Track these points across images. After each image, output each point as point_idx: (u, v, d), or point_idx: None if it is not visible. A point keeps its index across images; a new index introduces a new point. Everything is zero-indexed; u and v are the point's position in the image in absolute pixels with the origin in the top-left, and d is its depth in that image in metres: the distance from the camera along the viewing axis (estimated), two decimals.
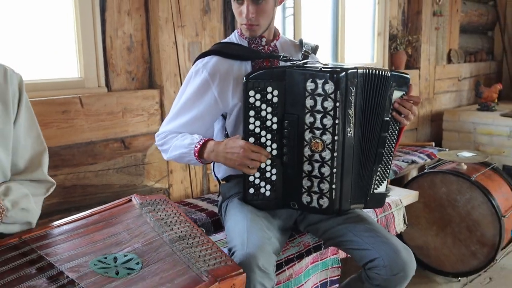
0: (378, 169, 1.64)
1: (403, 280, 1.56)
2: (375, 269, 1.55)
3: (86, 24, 2.07)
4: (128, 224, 1.24)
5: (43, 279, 0.97)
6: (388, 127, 1.61)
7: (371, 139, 1.60)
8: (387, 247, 1.55)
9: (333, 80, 1.47)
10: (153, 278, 1.02)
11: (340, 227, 1.65)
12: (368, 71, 1.55)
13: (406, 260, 1.54)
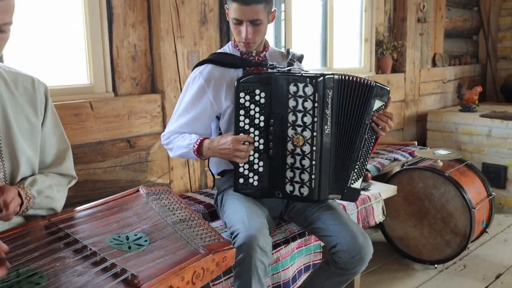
0: (355, 167, 1.87)
1: (361, 262, 1.78)
2: (337, 253, 1.78)
3: (95, 35, 2.30)
4: (137, 210, 1.47)
5: (70, 252, 1.20)
6: (368, 130, 1.84)
7: (348, 136, 1.83)
8: (346, 233, 1.77)
9: (312, 84, 1.70)
10: (159, 251, 1.25)
11: (313, 215, 1.87)
12: (343, 77, 1.78)
13: (363, 244, 1.76)
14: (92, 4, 2.27)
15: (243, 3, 1.74)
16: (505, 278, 2.65)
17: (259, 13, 1.77)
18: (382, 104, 1.88)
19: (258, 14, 1.77)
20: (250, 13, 1.75)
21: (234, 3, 1.76)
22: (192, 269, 1.18)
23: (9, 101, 1.36)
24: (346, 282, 1.90)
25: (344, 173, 1.86)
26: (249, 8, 1.75)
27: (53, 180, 1.47)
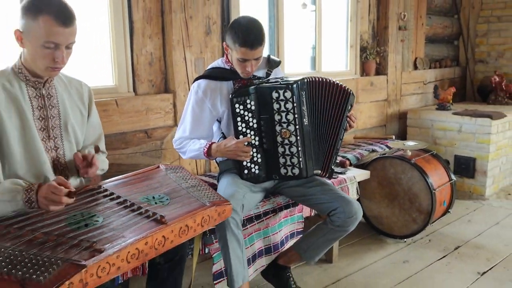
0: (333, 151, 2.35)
1: (355, 220, 2.30)
2: (336, 214, 2.28)
3: (119, 45, 2.81)
4: (159, 179, 1.97)
5: (114, 203, 1.70)
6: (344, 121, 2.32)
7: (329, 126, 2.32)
8: (344, 200, 2.29)
9: (289, 89, 2.19)
10: (177, 205, 1.74)
11: (311, 190, 2.37)
12: (308, 79, 2.27)
13: (357, 208, 2.29)
14: (117, 19, 2.78)
15: (251, 48, 2.17)
16: (462, 249, 3.14)
17: (261, 52, 2.23)
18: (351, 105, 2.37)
19: (260, 52, 2.23)
20: (255, 54, 2.20)
21: (242, 48, 2.17)
22: (201, 215, 1.68)
23: (67, 98, 1.87)
24: (337, 239, 2.41)
25: (323, 154, 2.35)
26: (256, 51, 2.20)
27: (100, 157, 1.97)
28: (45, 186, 1.54)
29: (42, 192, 1.54)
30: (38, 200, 1.55)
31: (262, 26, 2.25)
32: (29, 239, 1.41)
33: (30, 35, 1.63)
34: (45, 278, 1.24)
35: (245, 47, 2.17)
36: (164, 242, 1.54)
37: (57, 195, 1.52)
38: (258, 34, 2.19)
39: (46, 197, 1.52)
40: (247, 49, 2.17)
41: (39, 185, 1.58)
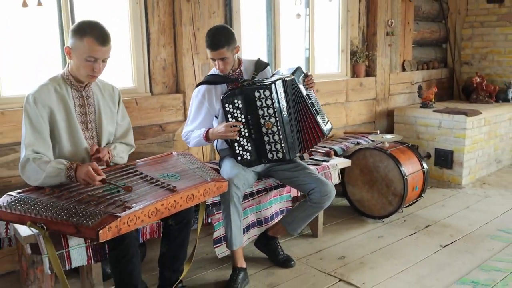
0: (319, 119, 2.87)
1: (329, 198, 2.83)
2: (314, 193, 2.81)
3: (138, 53, 3.36)
4: (171, 162, 2.52)
5: (138, 178, 2.25)
6: (309, 96, 2.86)
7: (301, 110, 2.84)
8: (321, 181, 2.82)
9: (268, 88, 2.70)
10: (185, 180, 2.28)
11: (295, 173, 2.90)
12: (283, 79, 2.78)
13: (331, 188, 2.82)
14: (136, 31, 3.33)
15: (212, 49, 2.72)
16: (431, 228, 3.64)
17: (224, 53, 2.72)
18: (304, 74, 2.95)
19: (224, 53, 2.72)
20: (218, 54, 2.72)
21: (208, 49, 2.74)
22: (203, 187, 2.22)
23: (101, 98, 2.41)
24: (315, 214, 2.94)
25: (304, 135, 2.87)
26: (217, 52, 2.72)
27: (121, 147, 2.51)
28: (84, 168, 2.08)
29: (80, 173, 2.08)
30: (76, 177, 2.09)
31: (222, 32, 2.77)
32: (78, 199, 1.97)
33: (76, 51, 2.18)
34: (92, 223, 1.79)
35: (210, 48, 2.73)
36: (175, 205, 2.08)
37: (92, 180, 2.07)
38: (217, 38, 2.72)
39: (83, 179, 2.07)
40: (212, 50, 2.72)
41: (77, 165, 2.12)
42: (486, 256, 3.12)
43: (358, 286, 2.74)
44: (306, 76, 2.96)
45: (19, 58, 3.00)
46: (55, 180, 2.12)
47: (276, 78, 2.80)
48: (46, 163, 2.11)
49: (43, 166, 2.10)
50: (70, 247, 2.14)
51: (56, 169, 2.11)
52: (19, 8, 2.81)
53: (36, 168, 2.10)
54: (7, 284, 2.80)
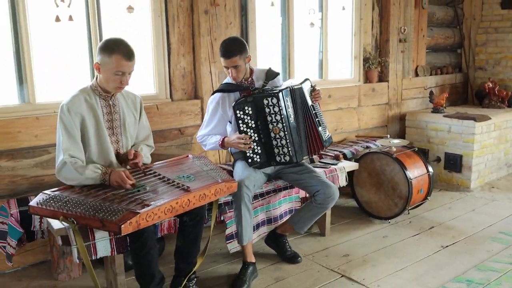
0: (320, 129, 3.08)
1: (332, 200, 3.04)
2: (319, 195, 3.03)
3: (159, 62, 3.64)
4: (187, 164, 2.77)
5: (157, 179, 2.51)
6: (313, 107, 3.08)
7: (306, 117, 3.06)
8: (325, 184, 3.04)
9: (275, 97, 2.92)
10: (199, 181, 2.53)
11: (302, 176, 3.12)
12: (290, 87, 3.00)
13: (334, 190, 3.03)
14: (158, 42, 3.61)
15: (226, 58, 2.96)
16: (435, 229, 3.80)
17: (237, 61, 2.96)
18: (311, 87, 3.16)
19: (236, 62, 2.96)
20: (231, 62, 2.96)
21: (222, 58, 2.98)
22: (214, 187, 2.47)
23: (125, 106, 2.69)
24: (320, 215, 3.15)
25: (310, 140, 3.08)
26: (230, 60, 2.96)
27: (146, 149, 2.79)
28: (117, 174, 2.38)
29: (114, 177, 2.38)
30: (110, 181, 2.38)
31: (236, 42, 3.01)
32: (104, 197, 2.25)
33: (105, 66, 2.46)
34: (115, 219, 2.06)
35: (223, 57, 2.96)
36: (189, 203, 2.34)
37: (124, 183, 2.36)
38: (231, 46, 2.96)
39: (116, 182, 2.36)
40: (225, 59, 2.96)
41: (111, 170, 2.41)
42: (485, 257, 3.28)
43: (358, 282, 2.95)
44: (314, 89, 3.16)
45: (52, 68, 3.30)
46: (91, 182, 2.42)
47: (284, 87, 3.03)
48: (83, 167, 2.40)
49: (80, 170, 2.39)
50: (96, 239, 2.42)
51: (94, 173, 2.41)
52: (52, 22, 3.12)
53: (73, 171, 2.39)
54: (40, 273, 3.11)
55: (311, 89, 3.15)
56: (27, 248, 3.09)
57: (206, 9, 3.68)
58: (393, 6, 5.06)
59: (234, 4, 3.90)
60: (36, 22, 3.13)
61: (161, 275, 2.49)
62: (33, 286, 2.96)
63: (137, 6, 3.45)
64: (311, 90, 3.16)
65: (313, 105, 3.11)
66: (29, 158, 3.07)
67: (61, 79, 3.35)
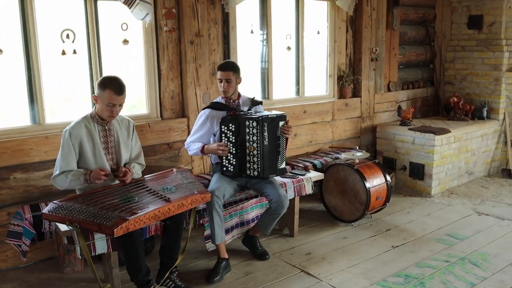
0: (279, 157, 3.66)
1: (282, 208, 3.60)
2: (272, 203, 3.60)
3: (151, 86, 4.22)
4: (171, 178, 3.35)
5: (144, 190, 3.09)
6: (279, 138, 3.64)
7: (274, 144, 3.63)
8: (277, 194, 3.60)
9: (256, 121, 3.51)
10: (179, 192, 3.10)
11: (262, 186, 3.68)
12: (268, 116, 3.57)
13: (283, 199, 3.59)
14: (149, 68, 4.18)
15: (222, 70, 3.58)
16: (391, 231, 4.37)
17: (230, 76, 3.59)
18: (284, 122, 3.67)
19: (230, 76, 3.59)
20: (225, 75, 3.58)
21: (218, 71, 3.60)
22: (190, 198, 3.05)
23: (119, 130, 3.27)
24: (276, 219, 3.71)
25: (275, 162, 3.66)
26: (225, 73, 3.58)
27: (137, 166, 3.37)
28: (93, 172, 3.00)
29: (92, 175, 3.00)
30: (90, 179, 2.98)
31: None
32: (101, 206, 2.83)
33: (100, 99, 3.04)
34: (109, 224, 2.64)
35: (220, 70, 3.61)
36: (169, 211, 2.92)
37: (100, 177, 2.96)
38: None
39: (94, 178, 2.97)
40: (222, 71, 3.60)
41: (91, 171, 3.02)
42: (426, 256, 3.84)
43: (314, 276, 3.53)
44: (286, 123, 3.67)
45: (58, 94, 3.89)
46: (76, 183, 3.03)
47: (265, 115, 3.60)
48: (69, 172, 3.04)
49: (67, 175, 3.02)
50: (95, 239, 3.01)
51: (77, 172, 3.03)
52: (59, 55, 3.70)
53: (63, 177, 3.03)
54: (48, 267, 3.70)
55: (283, 123, 3.67)
56: (37, 246, 3.68)
57: (192, 39, 4.25)
58: (365, 29, 5.62)
59: (218, 33, 4.47)
60: (46, 55, 3.71)
61: (147, 268, 3.07)
62: (43, 278, 3.55)
63: (132, 39, 4.03)
64: (284, 123, 3.66)
65: (279, 136, 3.64)
66: (40, 170, 3.66)
67: (66, 103, 3.94)
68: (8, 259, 3.63)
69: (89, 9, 3.82)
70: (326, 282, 3.44)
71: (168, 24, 4.15)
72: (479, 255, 3.83)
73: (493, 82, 6.11)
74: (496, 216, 4.70)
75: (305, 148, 5.34)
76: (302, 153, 5.29)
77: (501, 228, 4.40)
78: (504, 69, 6.00)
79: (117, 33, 3.97)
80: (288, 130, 3.67)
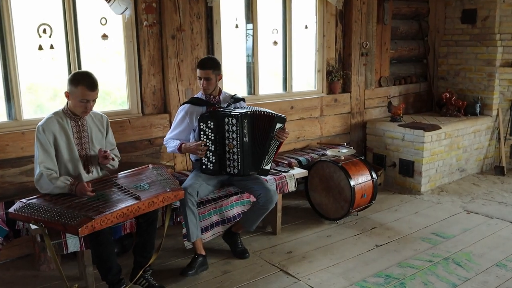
0: (265, 157, 3.59)
1: (271, 202, 3.55)
2: (260, 198, 3.54)
3: (132, 81, 4.15)
4: (146, 174, 3.29)
5: (115, 188, 3.03)
6: (271, 138, 3.55)
7: (260, 142, 3.55)
8: (265, 189, 3.55)
9: (235, 117, 3.43)
10: (152, 189, 3.03)
11: (248, 182, 3.63)
12: (252, 112, 3.51)
13: (272, 194, 3.54)
14: (130, 64, 4.12)
15: (201, 69, 3.52)
16: (376, 230, 4.30)
17: (209, 74, 3.53)
18: (281, 125, 3.60)
19: (209, 74, 3.53)
20: (204, 74, 3.52)
21: (197, 69, 3.54)
22: (162, 195, 2.99)
23: (93, 125, 3.21)
24: (263, 214, 3.64)
25: (258, 161, 3.59)
26: (204, 72, 3.52)
27: None
28: (80, 185, 2.90)
29: (78, 188, 2.90)
30: (75, 190, 2.91)
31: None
32: (68, 205, 2.77)
33: (73, 95, 2.98)
34: (74, 223, 2.59)
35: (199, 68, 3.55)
36: (139, 209, 2.85)
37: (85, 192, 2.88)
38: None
39: (80, 191, 2.89)
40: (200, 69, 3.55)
41: (78, 183, 2.93)
42: (409, 255, 3.77)
43: (292, 275, 3.46)
44: (282, 129, 3.58)
45: (34, 90, 3.83)
46: (60, 191, 2.94)
47: (245, 110, 3.52)
48: (56, 179, 2.94)
49: (53, 181, 2.92)
50: (67, 237, 2.97)
51: (63, 183, 2.93)
52: (36, 50, 3.64)
53: (48, 181, 2.92)
54: (25, 264, 3.66)
55: (280, 128, 3.58)
56: (14, 243, 3.63)
57: (174, 34, 4.18)
58: (354, 23, 5.52)
59: (201, 28, 4.39)
60: (22, 50, 3.65)
61: (118, 267, 3.02)
62: (19, 275, 3.51)
63: (111, 33, 3.96)
64: (280, 128, 3.58)
65: (272, 137, 3.55)
66: (16, 167, 3.61)
67: (43, 99, 3.88)
68: None
69: (67, 2, 3.75)
70: (304, 282, 3.37)
71: (149, 18, 4.08)
72: (463, 255, 3.76)
73: (486, 78, 6.00)
74: (485, 215, 4.62)
75: (293, 145, 5.26)
76: (289, 149, 5.21)
77: (489, 227, 4.32)
78: (497, 65, 5.89)
79: (96, 27, 3.90)
80: (283, 135, 3.59)
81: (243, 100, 3.82)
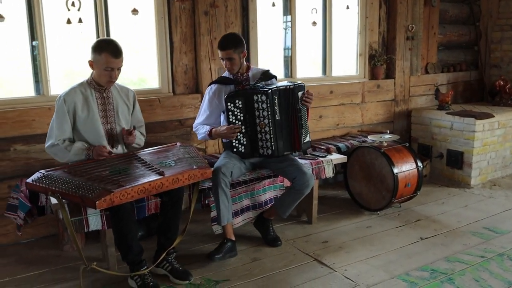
0: (302, 131, 3.33)
1: (308, 186, 3.29)
2: (296, 181, 3.29)
3: (162, 59, 3.98)
4: (173, 152, 3.10)
5: (139, 163, 2.85)
6: (300, 110, 3.30)
7: (291, 117, 3.30)
8: (302, 172, 3.29)
9: (265, 94, 3.20)
10: (178, 166, 2.84)
11: (283, 164, 3.38)
12: (281, 87, 3.25)
13: (309, 177, 3.28)
14: (161, 41, 3.95)
15: (221, 50, 3.29)
16: (420, 222, 3.95)
17: (231, 54, 3.28)
18: (303, 92, 3.33)
19: (231, 54, 3.28)
20: (226, 54, 3.28)
21: (218, 50, 3.31)
22: (188, 173, 2.78)
23: (118, 98, 3.04)
24: (298, 199, 3.39)
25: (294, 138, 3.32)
26: (225, 52, 3.28)
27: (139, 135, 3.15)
28: (97, 148, 2.80)
29: (95, 151, 2.79)
30: (93, 155, 2.78)
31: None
32: (88, 177, 2.61)
33: (97, 63, 2.83)
34: (92, 195, 2.41)
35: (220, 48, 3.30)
36: (162, 186, 2.66)
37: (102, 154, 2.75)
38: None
39: (98, 154, 2.77)
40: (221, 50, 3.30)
41: (93, 147, 2.82)
42: (458, 250, 3.41)
43: (327, 265, 3.18)
44: (305, 93, 3.33)
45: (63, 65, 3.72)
46: (78, 157, 2.83)
47: (275, 86, 3.28)
48: (71, 145, 2.83)
49: (69, 148, 2.82)
50: (88, 214, 2.81)
51: (79, 149, 2.84)
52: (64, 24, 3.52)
53: (63, 149, 2.83)
54: (49, 244, 3.56)
55: (302, 93, 3.34)
56: (39, 222, 3.53)
57: (206, 10, 3.98)
58: (400, 4, 5.17)
59: (236, 5, 4.18)
60: (50, 24, 3.54)
61: (140, 247, 2.83)
62: (41, 254, 3.40)
63: (142, 8, 3.80)
64: (303, 94, 3.34)
65: (300, 108, 3.32)
66: (41, 143, 3.46)
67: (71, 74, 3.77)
68: (9, 233, 3.51)
69: None
70: (340, 273, 3.08)
71: None
72: None
73: None
74: None
75: (331, 132, 4.97)
76: (327, 136, 4.92)
77: None
78: None
79: (126, 1, 3.75)
80: (309, 98, 3.33)
81: (275, 78, 3.55)
